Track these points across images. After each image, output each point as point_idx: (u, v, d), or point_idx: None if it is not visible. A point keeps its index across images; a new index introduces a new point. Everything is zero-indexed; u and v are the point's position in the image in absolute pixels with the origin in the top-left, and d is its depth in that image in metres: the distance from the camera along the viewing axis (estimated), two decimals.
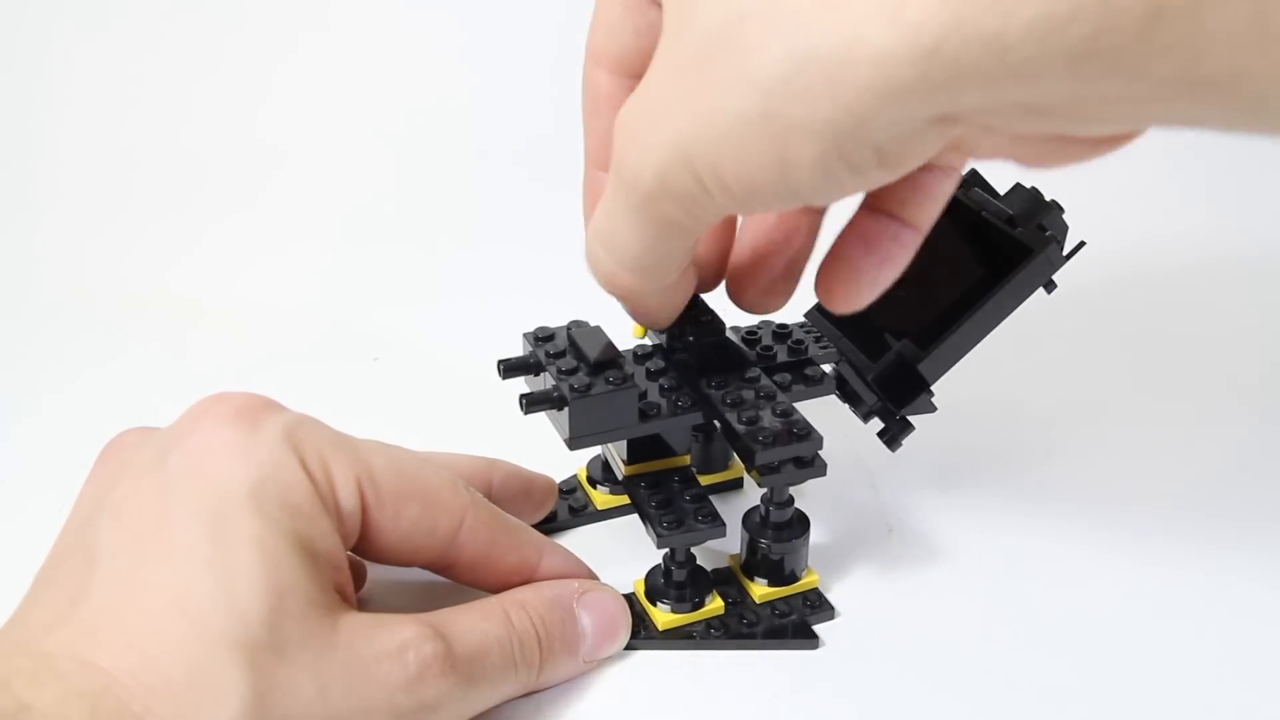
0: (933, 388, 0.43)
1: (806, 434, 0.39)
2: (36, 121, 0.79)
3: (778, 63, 0.25)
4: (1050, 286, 0.43)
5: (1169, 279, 0.67)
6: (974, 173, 0.45)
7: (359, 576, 0.41)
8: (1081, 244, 0.43)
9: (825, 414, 0.47)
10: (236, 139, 0.79)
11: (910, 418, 0.44)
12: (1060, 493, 0.49)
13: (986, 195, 0.44)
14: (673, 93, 0.28)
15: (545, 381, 0.41)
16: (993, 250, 0.43)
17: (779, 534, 0.42)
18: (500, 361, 0.42)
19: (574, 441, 0.40)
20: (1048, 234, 0.42)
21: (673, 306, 0.39)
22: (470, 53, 0.83)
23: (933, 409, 0.44)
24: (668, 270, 0.34)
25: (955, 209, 0.45)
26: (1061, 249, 0.43)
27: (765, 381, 0.42)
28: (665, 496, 0.42)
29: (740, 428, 0.39)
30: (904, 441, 0.44)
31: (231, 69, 0.82)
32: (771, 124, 0.26)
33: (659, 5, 0.33)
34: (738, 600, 0.42)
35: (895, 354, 0.43)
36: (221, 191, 0.76)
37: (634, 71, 0.37)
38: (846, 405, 0.46)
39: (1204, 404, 0.55)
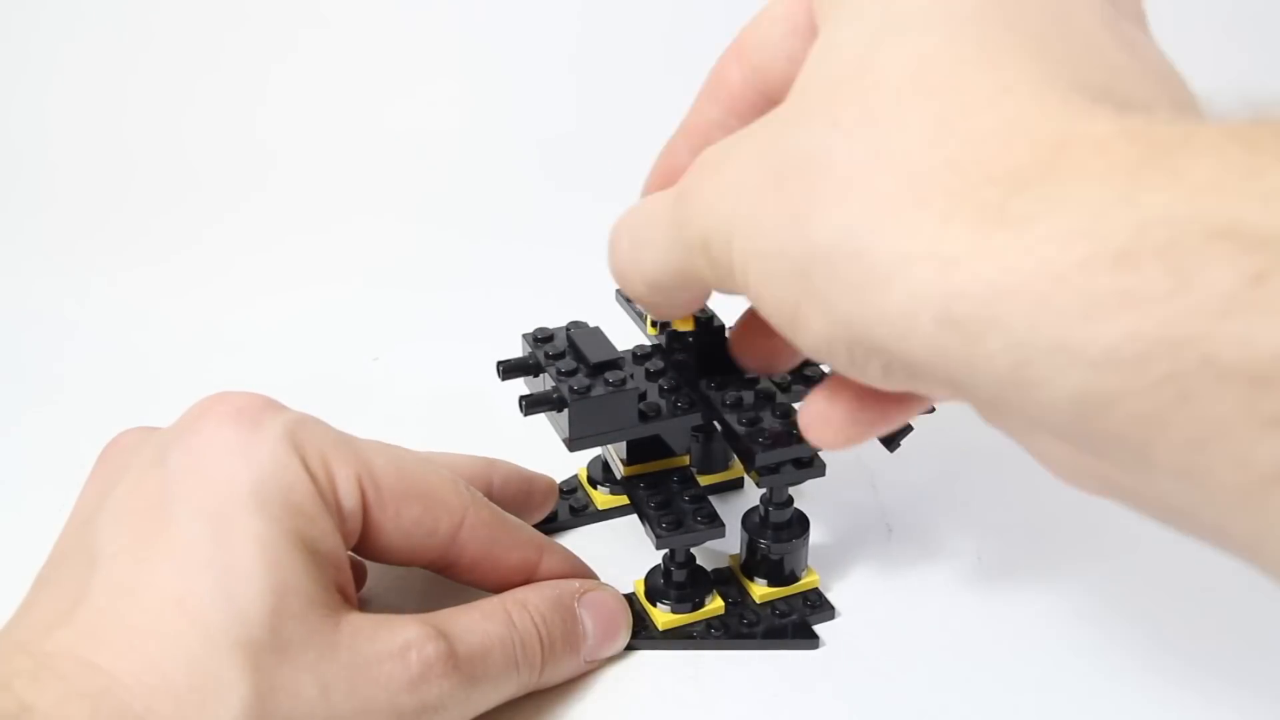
0: None
1: None
2: (38, 122, 0.79)
3: (836, 239, 0.24)
4: None
5: None
6: None
7: (359, 576, 0.41)
8: None
9: None
10: (234, 138, 0.79)
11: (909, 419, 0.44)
12: (1060, 492, 0.49)
13: None
14: (754, 175, 0.27)
15: (545, 383, 0.41)
16: None
17: (779, 534, 0.42)
18: (499, 363, 0.42)
19: (574, 443, 0.40)
20: None
21: (678, 314, 0.37)
22: (469, 51, 0.83)
23: (931, 409, 0.44)
24: (679, 299, 0.33)
25: None
26: None
27: (765, 382, 0.42)
28: (664, 497, 0.42)
29: (740, 429, 0.39)
30: (902, 442, 0.44)
31: (228, 68, 0.82)
32: (803, 283, 0.25)
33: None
34: (738, 600, 0.42)
35: None
36: (220, 190, 0.76)
37: (767, 87, 0.34)
38: None
39: None
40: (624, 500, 0.47)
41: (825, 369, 0.45)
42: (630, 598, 0.42)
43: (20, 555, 0.36)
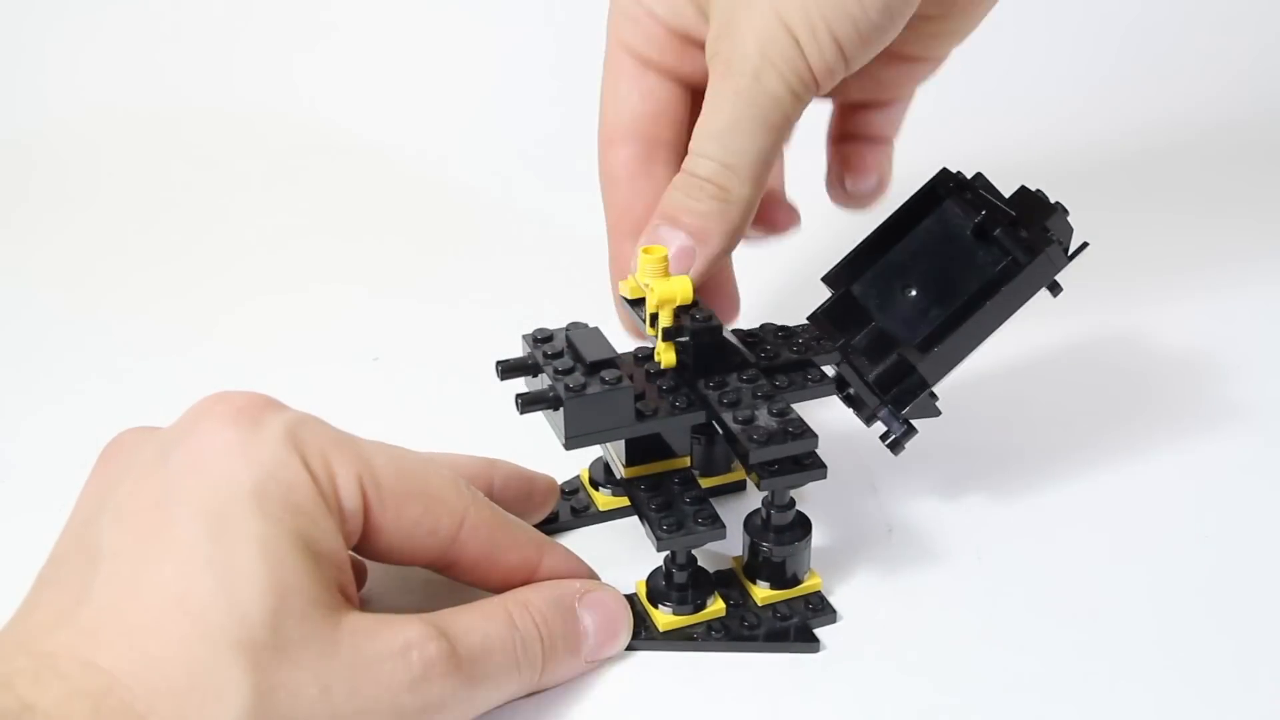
0: (935, 390, 0.43)
1: (802, 432, 0.39)
2: (37, 123, 0.79)
3: None
4: (1055, 289, 0.43)
5: (1170, 283, 0.67)
6: (979, 175, 0.45)
7: (360, 576, 0.41)
8: (1084, 245, 0.43)
9: (826, 415, 0.47)
10: (233, 138, 0.79)
11: (914, 422, 0.44)
12: (1059, 494, 0.49)
13: (990, 197, 0.44)
14: None
15: (544, 382, 0.41)
16: (996, 252, 0.43)
17: (780, 536, 0.42)
18: (499, 362, 0.42)
19: (570, 442, 0.40)
20: (1050, 235, 0.42)
21: (747, 223, 0.42)
22: (469, 53, 0.83)
23: (937, 413, 0.44)
24: (765, 168, 0.40)
25: (959, 210, 0.45)
26: (1065, 250, 0.42)
27: (763, 381, 0.42)
28: (665, 499, 0.41)
29: (735, 426, 0.39)
30: (906, 445, 0.44)
31: (227, 70, 0.82)
32: None
33: (657, 71, 0.42)
34: (739, 602, 0.42)
35: (897, 355, 0.43)
36: (219, 189, 0.76)
37: (646, 137, 0.43)
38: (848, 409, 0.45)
39: (1205, 408, 0.55)
40: (625, 501, 0.47)
41: (828, 370, 0.45)
42: (631, 599, 0.42)
43: (20, 555, 0.36)
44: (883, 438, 0.44)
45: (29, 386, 0.57)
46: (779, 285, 0.59)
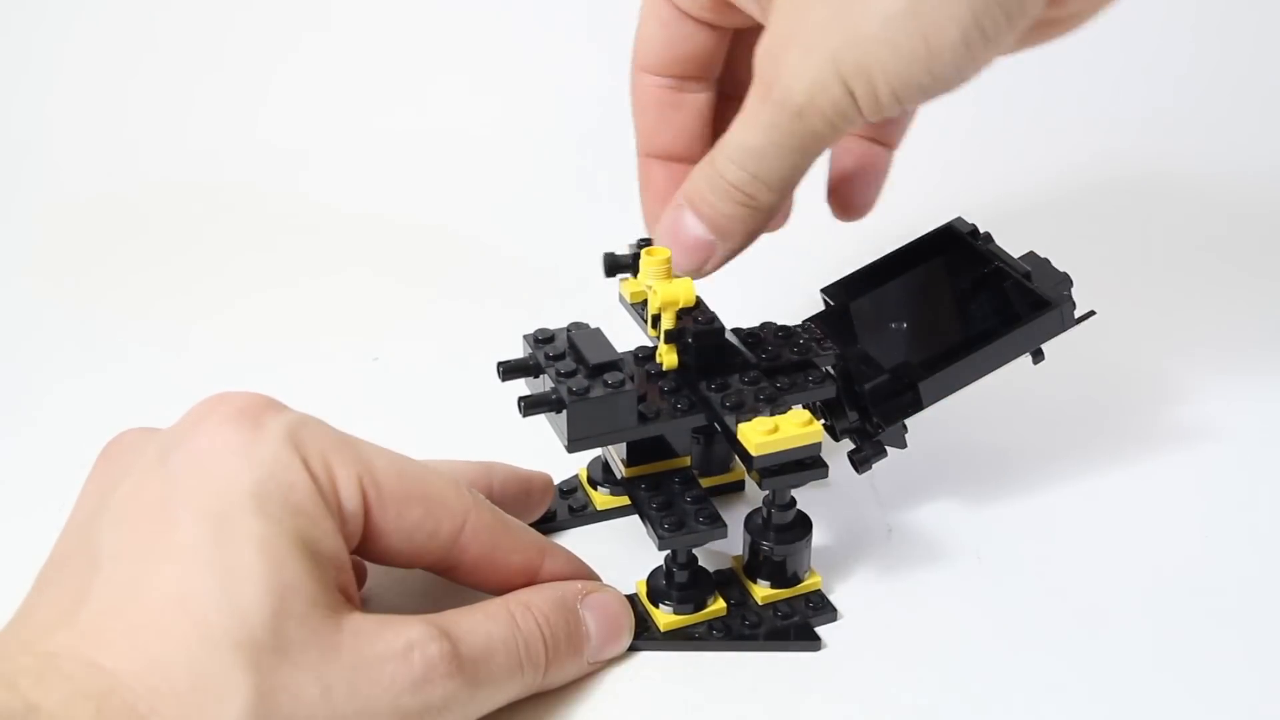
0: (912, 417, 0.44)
1: None
2: (35, 122, 0.79)
3: None
4: (1038, 357, 0.44)
5: (1170, 282, 0.67)
6: (988, 234, 0.46)
7: (359, 576, 0.41)
8: (1091, 312, 0.44)
9: None
10: (234, 137, 0.79)
11: (891, 437, 0.44)
12: (1059, 494, 0.49)
13: (1000, 257, 0.45)
14: (818, 14, 0.33)
15: (545, 383, 0.41)
16: (1008, 298, 0.44)
17: (781, 536, 0.42)
18: (500, 363, 0.42)
19: (573, 445, 0.40)
20: (1065, 293, 0.43)
21: (769, 222, 0.41)
22: (471, 53, 0.83)
23: (904, 445, 0.45)
24: (794, 183, 0.38)
25: (972, 256, 0.45)
26: (1074, 310, 0.43)
27: (764, 383, 0.42)
28: (666, 498, 0.41)
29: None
30: (873, 465, 0.44)
31: (229, 69, 0.82)
32: (918, 17, 0.32)
33: (695, 22, 0.42)
34: (740, 602, 0.42)
35: (897, 370, 0.43)
36: (219, 189, 0.75)
37: (677, 73, 0.44)
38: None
39: (1205, 407, 0.55)
40: (624, 501, 0.47)
41: (829, 370, 0.45)
42: (632, 599, 0.42)
43: (21, 555, 0.36)
44: (851, 454, 0.44)
45: (29, 386, 0.57)
46: (779, 285, 0.59)
